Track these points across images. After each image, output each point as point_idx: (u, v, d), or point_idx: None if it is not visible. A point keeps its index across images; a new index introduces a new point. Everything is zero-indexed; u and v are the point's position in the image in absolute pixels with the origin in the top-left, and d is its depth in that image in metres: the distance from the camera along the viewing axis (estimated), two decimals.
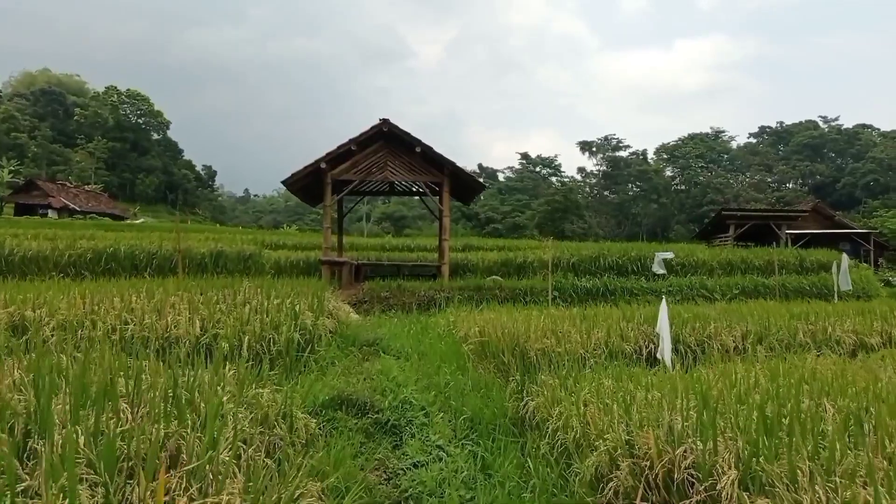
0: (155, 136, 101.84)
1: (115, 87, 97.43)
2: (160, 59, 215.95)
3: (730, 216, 29.07)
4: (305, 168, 17.44)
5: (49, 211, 52.81)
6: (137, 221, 52.11)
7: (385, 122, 17.53)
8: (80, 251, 13.76)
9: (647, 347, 8.41)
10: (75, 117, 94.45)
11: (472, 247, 30.86)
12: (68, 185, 67.16)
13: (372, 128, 17.60)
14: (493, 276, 18.27)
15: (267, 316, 7.49)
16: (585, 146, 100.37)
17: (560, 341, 8.18)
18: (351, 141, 17.52)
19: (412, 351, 9.61)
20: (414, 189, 21.62)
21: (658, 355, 7.94)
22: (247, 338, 6.35)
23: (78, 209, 53.86)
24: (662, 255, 17.08)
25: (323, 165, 17.47)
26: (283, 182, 17.50)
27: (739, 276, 18.97)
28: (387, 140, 18.23)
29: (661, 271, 17.19)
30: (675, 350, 8.39)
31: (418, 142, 17.65)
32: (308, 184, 18.70)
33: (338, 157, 17.79)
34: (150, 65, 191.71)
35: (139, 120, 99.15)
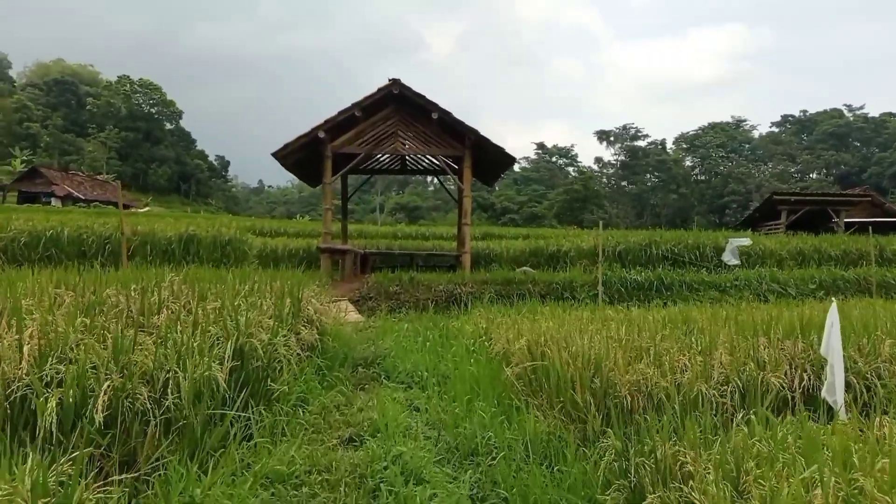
0: (168, 126, 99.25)
1: (128, 77, 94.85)
2: (172, 51, 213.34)
3: (782, 201, 25.60)
4: (299, 138, 14.33)
5: (52, 199, 50.23)
6: (142, 210, 49.38)
7: (395, 82, 14.37)
8: (13, 234, 10.76)
9: (803, 380, 5.20)
10: (88, 107, 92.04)
11: (492, 235, 27.71)
12: (80, 174, 64.76)
13: (380, 90, 14.44)
14: (524, 268, 15.10)
15: (189, 332, 4.37)
16: (603, 135, 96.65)
17: (663, 369, 5.03)
18: (355, 105, 14.37)
19: (429, 374, 6.51)
20: (428, 165, 18.43)
21: (823, 394, 4.79)
22: (107, 384, 3.23)
23: (82, 197, 51.24)
24: (737, 242, 13.83)
25: (321, 135, 14.35)
26: (274, 154, 14.40)
27: (814, 268, 15.63)
28: (398, 105, 15.09)
29: (735, 261, 13.94)
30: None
31: (435, 106, 14.47)
32: (304, 158, 15.59)
33: (339, 125, 14.67)
34: (162, 57, 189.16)
35: (152, 109, 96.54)
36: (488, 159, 15.89)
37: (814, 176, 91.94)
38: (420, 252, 17.59)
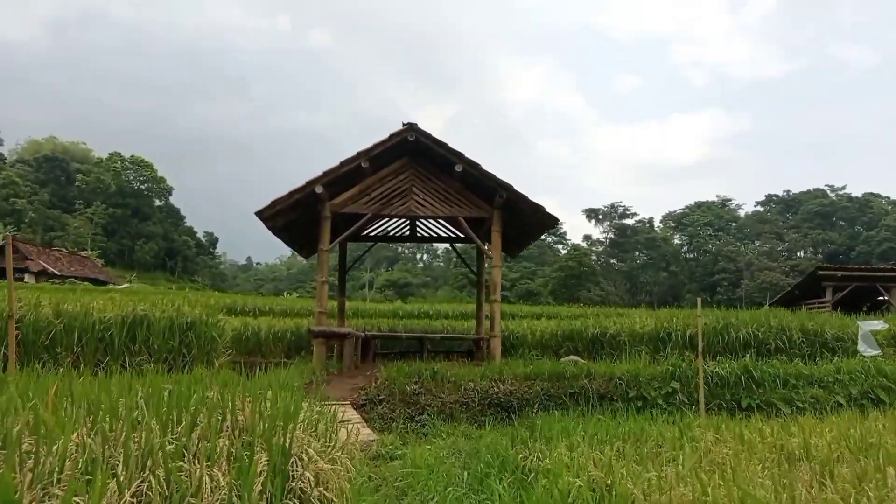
0: (157, 203, 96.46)
1: (119, 154, 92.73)
2: (168, 131, 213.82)
3: (827, 276, 22.62)
4: (292, 193, 11.18)
5: (25, 275, 46.37)
6: (120, 287, 45.57)
7: (411, 127, 11.42)
8: None
9: None
10: (77, 183, 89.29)
11: (502, 314, 24.28)
12: (61, 249, 61.11)
13: (392, 136, 11.45)
14: (572, 357, 11.74)
15: None
16: (591, 213, 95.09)
17: None
18: (361, 154, 11.34)
19: None
20: (440, 232, 15.29)
21: None
22: None
23: (58, 273, 47.44)
24: (870, 326, 10.61)
25: (318, 190, 11.23)
26: (259, 213, 11.19)
27: None
28: (413, 156, 12.09)
29: (874, 351, 10.64)
30: None
31: (459, 157, 11.48)
32: (297, 219, 12.40)
33: (341, 178, 11.59)
34: (158, 137, 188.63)
35: (141, 186, 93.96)
36: (520, 223, 12.80)
37: (801, 255, 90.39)
38: (432, 335, 14.20)
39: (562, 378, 10.32)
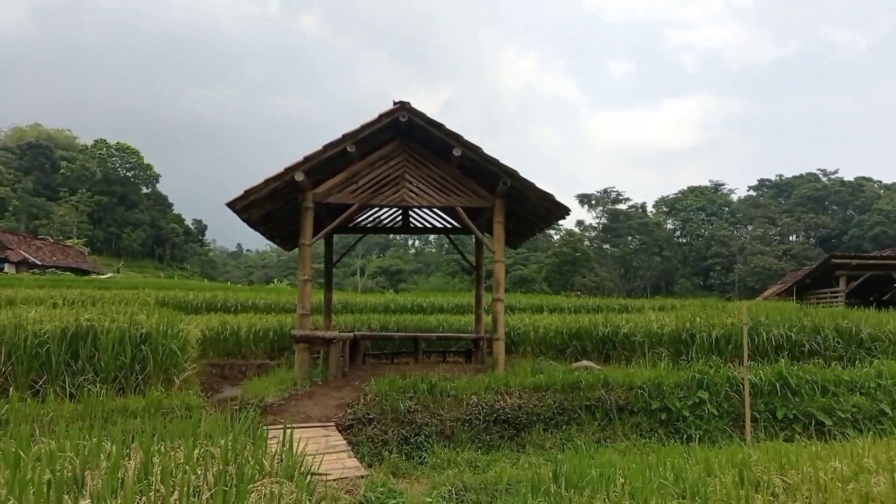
0: (144, 190, 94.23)
1: (105, 141, 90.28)
2: (158, 117, 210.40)
3: (841, 265, 21.39)
4: (269, 181, 9.78)
5: (5, 265, 44.71)
6: (104, 276, 44.03)
7: (402, 106, 10.02)
8: None
9: None
10: (61, 171, 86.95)
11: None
12: (45, 238, 59.24)
13: (381, 116, 10.05)
14: (586, 363, 10.44)
15: None
16: (584, 199, 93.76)
17: None
18: (347, 137, 9.93)
19: None
20: (436, 223, 13.93)
21: None
22: None
23: (39, 263, 45.75)
24: None
25: (299, 178, 9.84)
26: (231, 204, 9.79)
27: None
28: (405, 139, 10.71)
29: None
30: None
31: (457, 139, 10.12)
32: (276, 211, 11.01)
33: (324, 164, 10.19)
34: (143, 126, 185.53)
35: (128, 173, 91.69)
36: (524, 212, 11.47)
37: (794, 238, 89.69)
38: (427, 335, 12.90)
39: (576, 388, 9.07)
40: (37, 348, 6.80)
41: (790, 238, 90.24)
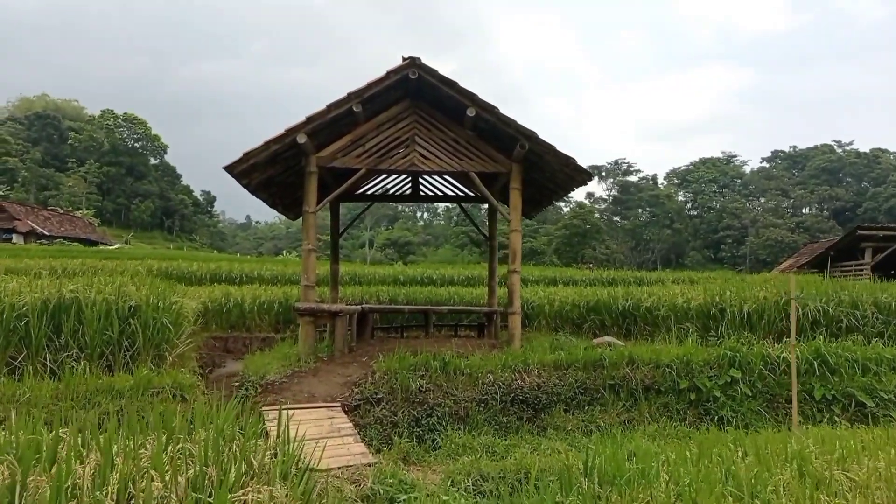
0: (152, 161, 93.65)
1: (112, 111, 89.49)
2: (164, 88, 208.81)
3: (867, 237, 20.49)
4: (269, 143, 9.07)
5: (14, 235, 44.42)
6: (112, 247, 43.70)
7: (413, 62, 9.23)
8: None
9: None
10: (69, 141, 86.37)
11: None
12: (54, 209, 58.89)
13: (389, 73, 9.26)
14: (608, 339, 9.79)
15: None
16: (595, 170, 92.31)
17: None
18: (353, 96, 9.17)
19: None
20: (447, 190, 13.20)
21: None
22: None
23: (46, 233, 45.44)
24: None
25: (301, 140, 9.12)
26: (228, 169, 9.11)
27: None
28: (415, 99, 9.94)
29: None
30: None
31: (472, 98, 9.34)
32: (277, 176, 10.32)
33: (329, 125, 9.45)
34: (150, 97, 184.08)
35: (136, 144, 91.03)
36: (541, 179, 10.72)
37: (808, 211, 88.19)
38: (438, 308, 12.25)
39: (598, 366, 8.43)
40: (15, 322, 6.22)
41: (803, 210, 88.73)
